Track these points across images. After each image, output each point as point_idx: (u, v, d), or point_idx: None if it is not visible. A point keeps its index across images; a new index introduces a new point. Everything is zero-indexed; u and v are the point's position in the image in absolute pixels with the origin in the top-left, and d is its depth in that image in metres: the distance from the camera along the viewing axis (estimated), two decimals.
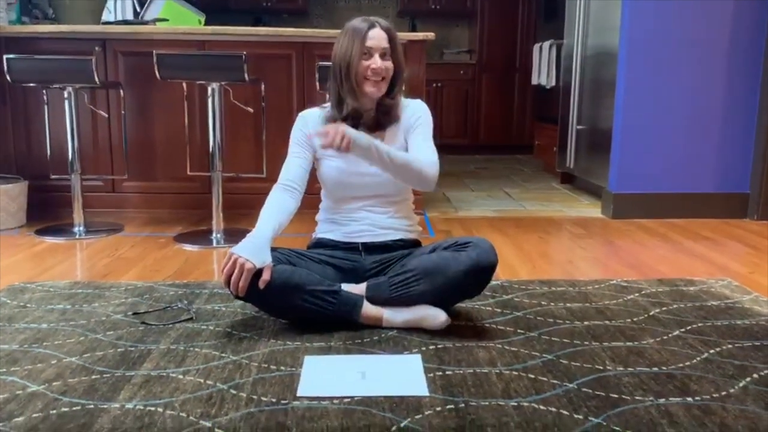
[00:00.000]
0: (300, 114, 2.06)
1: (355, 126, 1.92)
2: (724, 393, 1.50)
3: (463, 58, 6.59)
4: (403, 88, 2.04)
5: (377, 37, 1.91)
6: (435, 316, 1.82)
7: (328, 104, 2.02)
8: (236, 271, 1.74)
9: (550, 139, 5.06)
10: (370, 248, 2.00)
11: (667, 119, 3.46)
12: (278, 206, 1.93)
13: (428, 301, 1.83)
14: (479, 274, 1.79)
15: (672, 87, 3.43)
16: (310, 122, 2.02)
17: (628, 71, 3.42)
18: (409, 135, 2.02)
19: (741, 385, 1.54)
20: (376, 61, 1.90)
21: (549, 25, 5.26)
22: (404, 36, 3.45)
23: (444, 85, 6.27)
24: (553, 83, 4.94)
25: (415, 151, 1.96)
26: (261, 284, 1.75)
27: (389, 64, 1.93)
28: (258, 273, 1.75)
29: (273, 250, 1.86)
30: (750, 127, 3.48)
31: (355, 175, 1.97)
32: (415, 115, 2.02)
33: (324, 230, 2.06)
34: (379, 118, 1.98)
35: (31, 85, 3.18)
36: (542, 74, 5.15)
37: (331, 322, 1.83)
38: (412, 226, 2.08)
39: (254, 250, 1.77)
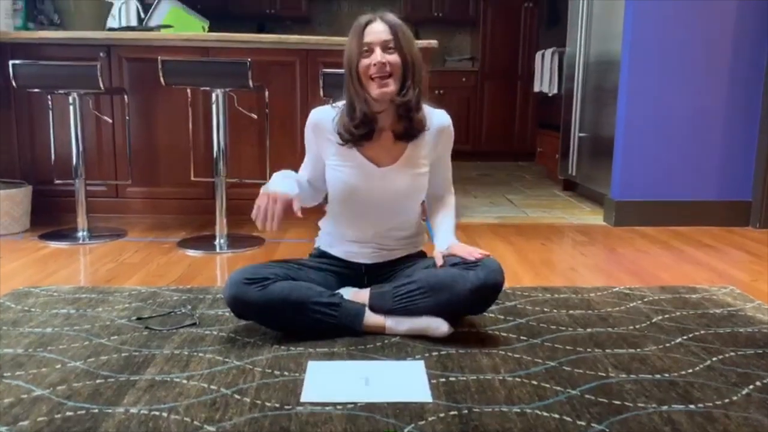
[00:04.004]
0: (312, 112, 1.93)
1: (371, 134, 1.83)
2: (726, 400, 1.50)
3: (466, 66, 6.60)
4: (423, 87, 1.83)
5: (375, 31, 1.76)
6: (438, 326, 1.81)
7: (339, 103, 1.89)
8: (269, 200, 1.72)
9: (552, 146, 5.07)
10: (373, 266, 1.99)
11: (669, 127, 3.46)
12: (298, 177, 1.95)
13: (432, 314, 1.82)
14: (485, 294, 1.78)
15: (674, 95, 3.44)
16: (321, 125, 1.90)
17: (631, 79, 3.44)
18: (437, 159, 1.94)
19: (744, 392, 1.54)
20: (377, 56, 1.74)
21: (551, 33, 5.28)
22: None
23: (446, 92, 6.29)
24: (555, 90, 4.95)
25: (439, 189, 2.01)
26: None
27: (393, 57, 1.75)
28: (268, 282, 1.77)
29: (272, 264, 1.87)
30: (752, 134, 3.49)
31: (366, 191, 1.88)
32: (444, 134, 1.93)
33: (326, 243, 2.03)
34: (405, 127, 1.83)
35: (36, 90, 3.20)
36: (544, 81, 5.16)
37: (334, 330, 1.84)
38: (418, 241, 2.05)
39: (281, 182, 1.79)
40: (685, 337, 1.89)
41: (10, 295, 2.21)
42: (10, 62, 2.93)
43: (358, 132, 1.82)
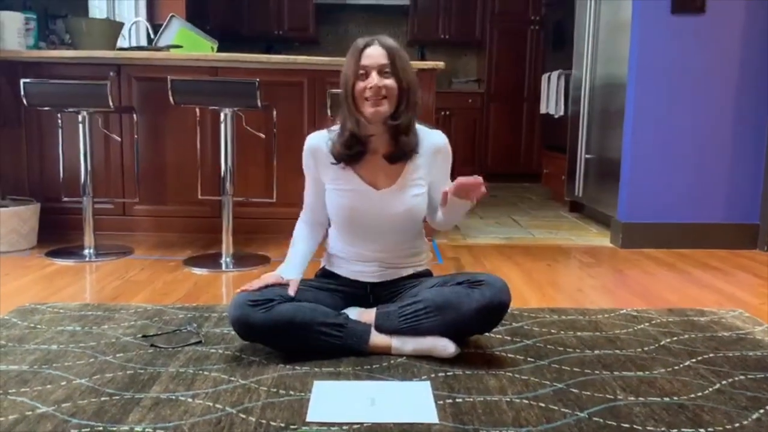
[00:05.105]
0: (308, 137, 1.96)
1: (360, 155, 1.86)
2: (737, 425, 1.48)
3: (472, 87, 6.64)
4: (416, 110, 1.86)
5: (373, 55, 1.79)
6: (444, 346, 1.80)
7: (335, 127, 1.92)
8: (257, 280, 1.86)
9: (558, 168, 5.07)
10: (378, 285, 1.99)
11: (676, 149, 3.47)
12: (303, 238, 2.02)
13: (438, 333, 1.81)
14: (491, 313, 1.77)
15: (681, 117, 3.45)
16: (318, 149, 1.93)
17: (637, 101, 3.45)
18: (436, 179, 1.93)
19: (754, 417, 1.52)
20: (373, 79, 1.77)
21: (557, 55, 5.31)
22: (414, 65, 3.48)
23: (452, 113, 6.32)
24: (562, 112, 4.97)
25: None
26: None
27: (390, 81, 1.78)
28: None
29: (276, 286, 1.87)
30: (759, 157, 3.48)
31: (365, 214, 1.90)
32: (441, 155, 1.92)
33: (331, 263, 2.04)
34: (394, 149, 1.85)
35: (47, 108, 3.22)
36: (550, 103, 5.18)
37: (340, 351, 1.83)
38: (423, 258, 2.05)
39: (281, 269, 1.93)
40: (693, 360, 1.87)
41: (16, 312, 2.21)
42: (22, 81, 2.96)
43: (345, 151, 1.86)
